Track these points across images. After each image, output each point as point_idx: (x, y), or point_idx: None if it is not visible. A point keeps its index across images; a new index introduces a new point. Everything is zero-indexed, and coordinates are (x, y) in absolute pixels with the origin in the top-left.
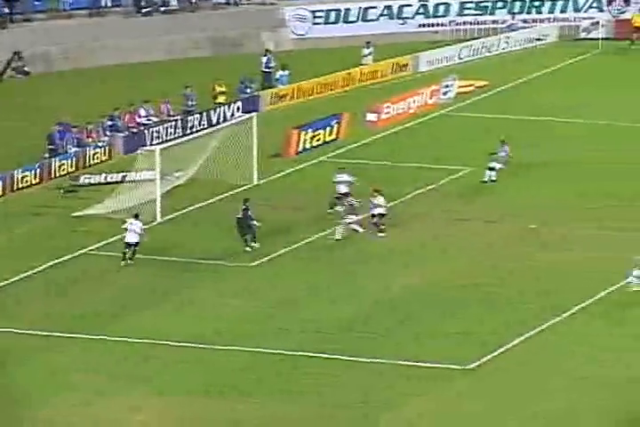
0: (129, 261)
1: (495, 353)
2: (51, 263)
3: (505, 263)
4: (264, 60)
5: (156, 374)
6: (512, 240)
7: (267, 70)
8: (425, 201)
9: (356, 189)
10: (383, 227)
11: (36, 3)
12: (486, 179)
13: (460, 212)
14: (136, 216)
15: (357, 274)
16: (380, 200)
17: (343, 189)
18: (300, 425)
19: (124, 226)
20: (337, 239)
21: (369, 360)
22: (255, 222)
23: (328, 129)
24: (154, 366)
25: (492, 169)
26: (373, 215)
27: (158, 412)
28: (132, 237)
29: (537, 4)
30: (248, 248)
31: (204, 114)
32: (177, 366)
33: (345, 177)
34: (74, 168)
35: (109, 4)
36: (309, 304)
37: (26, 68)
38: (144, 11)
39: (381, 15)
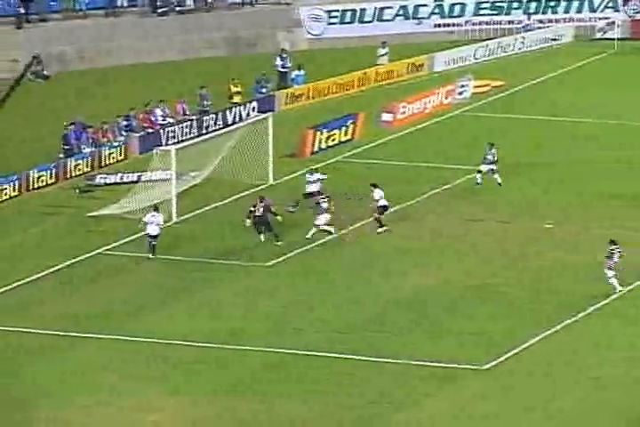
0: (151, 256)
1: (509, 353)
2: (66, 263)
3: (519, 263)
4: (279, 60)
5: (170, 374)
6: (526, 240)
7: (282, 70)
8: (440, 201)
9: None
10: (380, 223)
11: (52, 3)
12: (479, 181)
13: (474, 212)
14: (156, 209)
15: (371, 274)
16: (376, 194)
17: (313, 187)
18: (314, 425)
19: (144, 219)
20: (307, 238)
21: (383, 360)
22: (278, 217)
23: (343, 129)
24: (168, 366)
25: (479, 172)
26: (381, 208)
27: (172, 412)
28: (153, 230)
29: (552, 4)
30: (279, 242)
31: (220, 114)
32: (191, 365)
33: (317, 176)
34: (89, 168)
35: (125, 4)
36: (323, 304)
37: (45, 72)
38: (159, 11)
39: (397, 15)
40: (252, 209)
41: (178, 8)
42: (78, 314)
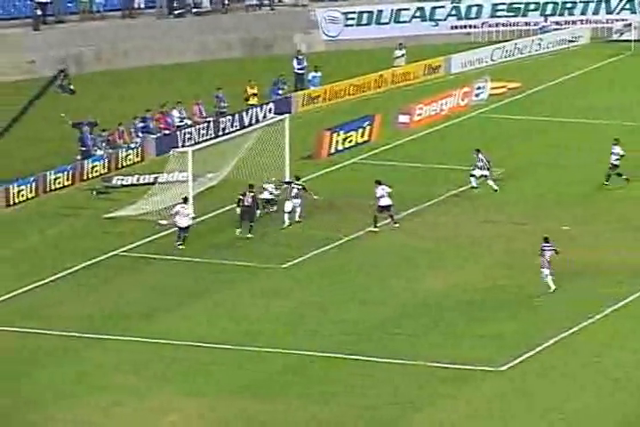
0: (180, 247)
1: (526, 355)
2: (83, 264)
3: (535, 264)
4: (296, 61)
5: (186, 375)
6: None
7: (299, 72)
8: (455, 202)
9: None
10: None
11: (69, 4)
12: (474, 185)
13: (490, 213)
14: (185, 200)
15: (387, 275)
16: (378, 191)
17: (386, 201)
18: (332, 426)
19: (172, 211)
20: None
21: (400, 362)
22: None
23: (360, 131)
24: (184, 368)
25: (472, 176)
26: (380, 208)
27: (189, 413)
28: (183, 222)
29: (569, 5)
30: (250, 235)
31: (237, 115)
32: (208, 367)
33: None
34: (106, 170)
35: (142, 6)
36: (340, 305)
37: (72, 87)
38: (176, 12)
39: (414, 17)
40: (241, 198)
41: (195, 9)
42: (95, 315)
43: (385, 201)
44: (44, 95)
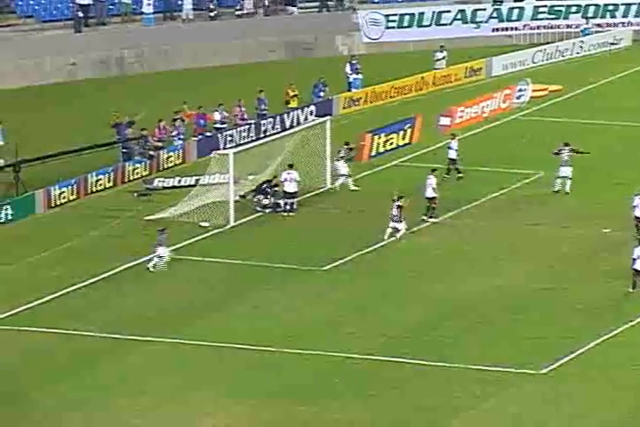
0: (290, 213)
1: (567, 358)
2: (124, 266)
3: (578, 268)
4: (349, 66)
5: (226, 377)
6: (584, 245)
7: (352, 76)
8: (497, 205)
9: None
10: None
11: (111, 6)
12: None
13: (531, 216)
14: (290, 166)
15: (428, 278)
16: (429, 181)
17: (292, 188)
18: None
19: (281, 178)
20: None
21: (440, 364)
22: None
23: (401, 133)
24: (224, 370)
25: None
26: (428, 199)
27: (229, 416)
28: (291, 187)
29: (611, 8)
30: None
31: (278, 117)
32: (247, 369)
33: (294, 175)
34: (147, 172)
35: (184, 8)
36: (379, 308)
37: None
38: (211, 14)
39: (455, 19)
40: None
41: (237, 12)
42: (136, 317)
43: (430, 193)
44: (85, 96)
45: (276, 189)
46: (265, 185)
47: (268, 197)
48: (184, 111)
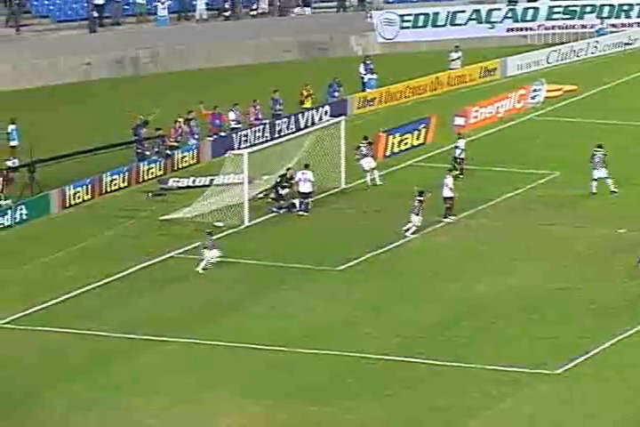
0: (305, 213)
1: (582, 358)
2: (138, 266)
3: (592, 268)
4: (363, 66)
5: (241, 377)
6: (598, 245)
7: (366, 76)
8: (511, 205)
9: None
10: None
11: (125, 7)
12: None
13: (545, 216)
14: (306, 166)
15: (442, 277)
16: (447, 181)
17: (307, 188)
18: None
19: (296, 178)
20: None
21: (455, 364)
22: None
23: (416, 133)
24: (239, 370)
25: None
26: (445, 199)
27: (244, 416)
28: (306, 187)
29: (626, 8)
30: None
31: (292, 118)
32: (263, 369)
33: (309, 175)
34: (162, 172)
35: (198, 8)
36: (394, 308)
37: (168, 152)
38: (224, 14)
39: (470, 19)
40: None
41: (252, 12)
42: (150, 317)
43: (447, 192)
44: (100, 96)
45: (291, 181)
46: (280, 179)
47: (285, 189)
48: (199, 111)
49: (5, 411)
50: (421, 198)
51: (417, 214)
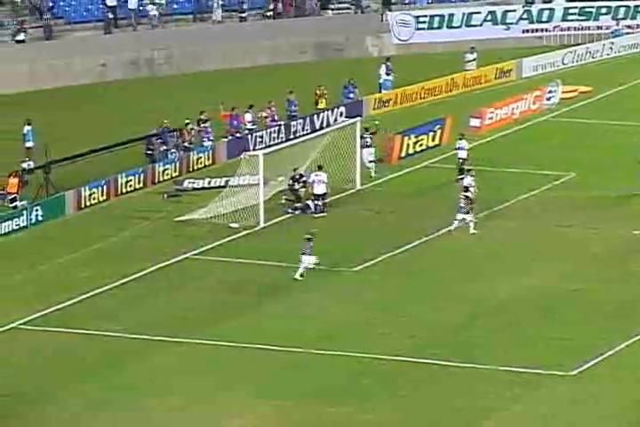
0: (321, 214)
1: (598, 359)
2: (153, 267)
3: (608, 269)
4: (384, 68)
5: (256, 378)
6: (614, 246)
7: (386, 78)
8: (527, 207)
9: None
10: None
11: (140, 8)
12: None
13: (562, 218)
14: (320, 167)
15: (459, 279)
16: (465, 181)
17: (321, 189)
18: None
19: (310, 180)
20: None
21: (471, 366)
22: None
23: (431, 134)
24: (254, 371)
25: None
26: (466, 197)
27: (258, 417)
28: (320, 188)
29: None
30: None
31: (308, 119)
32: (277, 370)
33: (323, 177)
34: (177, 173)
35: (214, 9)
36: (411, 309)
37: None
38: (240, 15)
39: (485, 20)
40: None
41: (267, 13)
42: (165, 318)
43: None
44: (115, 97)
45: (304, 179)
46: (292, 182)
47: (300, 187)
48: (219, 112)
49: (20, 411)
50: (467, 195)
51: (467, 213)
